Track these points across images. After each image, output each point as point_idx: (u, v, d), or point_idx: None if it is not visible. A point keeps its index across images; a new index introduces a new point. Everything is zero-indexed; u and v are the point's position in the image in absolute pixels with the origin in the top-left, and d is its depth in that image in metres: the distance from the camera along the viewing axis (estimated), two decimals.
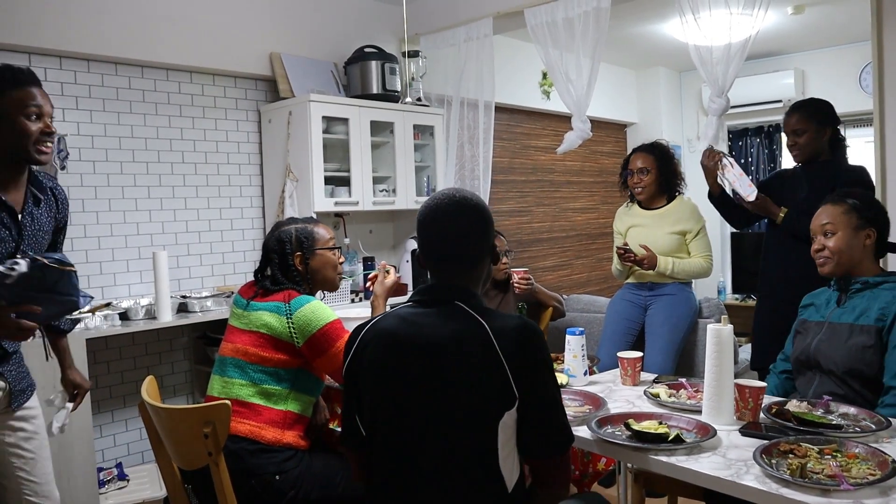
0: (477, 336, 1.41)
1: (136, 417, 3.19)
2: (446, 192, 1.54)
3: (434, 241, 1.52)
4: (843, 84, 5.56)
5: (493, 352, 1.39)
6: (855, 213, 2.02)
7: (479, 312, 1.46)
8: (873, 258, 2.04)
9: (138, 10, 3.14)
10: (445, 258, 1.51)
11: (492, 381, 1.38)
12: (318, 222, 2.29)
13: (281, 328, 2.02)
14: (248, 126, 3.65)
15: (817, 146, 2.77)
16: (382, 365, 1.47)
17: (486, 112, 3.93)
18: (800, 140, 2.77)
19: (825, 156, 2.78)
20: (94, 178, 3.11)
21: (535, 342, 1.43)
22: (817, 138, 2.76)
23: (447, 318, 1.46)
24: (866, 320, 1.91)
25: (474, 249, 1.52)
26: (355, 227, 3.98)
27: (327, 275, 2.24)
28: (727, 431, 1.72)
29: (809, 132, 2.75)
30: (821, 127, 2.75)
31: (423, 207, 1.54)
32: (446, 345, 1.42)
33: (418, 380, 1.43)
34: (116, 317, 2.89)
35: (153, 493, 2.77)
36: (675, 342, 3.15)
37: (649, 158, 3.23)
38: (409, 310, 1.52)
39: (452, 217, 1.50)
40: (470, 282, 1.52)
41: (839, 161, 2.79)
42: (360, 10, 4.04)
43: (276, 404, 2.03)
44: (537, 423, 1.43)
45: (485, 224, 1.53)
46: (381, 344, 1.48)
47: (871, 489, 1.35)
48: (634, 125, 6.42)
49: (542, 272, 5.47)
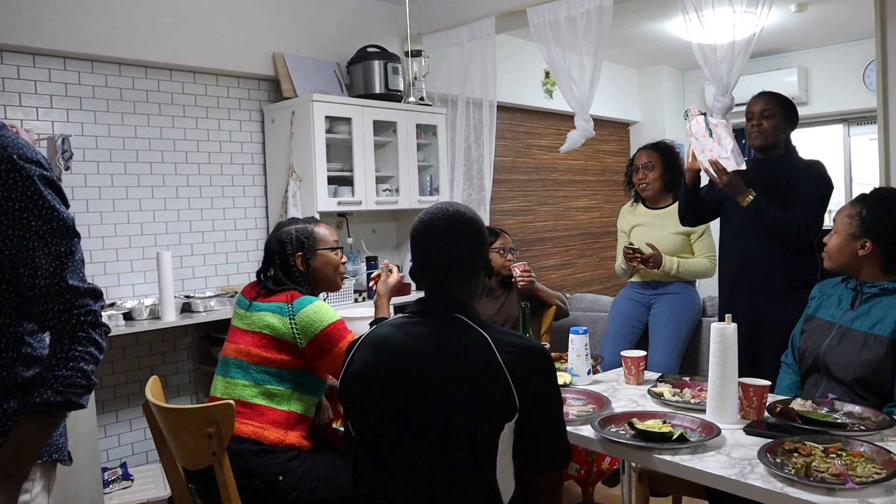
0: (478, 347, 1.40)
1: (141, 417, 3.20)
2: (440, 205, 1.54)
3: (427, 255, 1.52)
4: (846, 82, 5.55)
5: (496, 362, 1.38)
6: (858, 220, 1.98)
7: (478, 324, 1.45)
8: (879, 267, 1.98)
9: (142, 10, 3.15)
10: (439, 272, 1.51)
11: (494, 392, 1.37)
12: (319, 222, 2.29)
13: (284, 329, 2.02)
14: (251, 126, 3.66)
15: (779, 137, 2.66)
16: (377, 373, 1.45)
17: (489, 111, 3.93)
18: (765, 123, 2.64)
19: (780, 150, 2.68)
20: (99, 179, 3.11)
21: (542, 358, 1.43)
22: (781, 129, 2.65)
23: (446, 329, 1.45)
24: (881, 330, 1.87)
25: (468, 263, 1.51)
26: (358, 226, 3.98)
27: (329, 275, 2.24)
28: (731, 430, 1.72)
29: (776, 119, 2.63)
30: (785, 119, 2.66)
31: (417, 221, 1.54)
32: (446, 355, 1.41)
33: (416, 390, 1.41)
34: (120, 317, 2.89)
35: (158, 492, 2.77)
36: (678, 341, 3.15)
37: (654, 154, 3.25)
38: (407, 320, 1.51)
39: (446, 231, 1.49)
40: (465, 295, 1.51)
41: (793, 156, 2.69)
42: (363, 9, 4.04)
43: (279, 405, 2.03)
44: (536, 435, 1.43)
45: (478, 238, 1.53)
46: (377, 353, 1.47)
47: (876, 488, 1.35)
48: (637, 124, 6.41)
49: (545, 271, 5.47)
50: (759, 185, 2.58)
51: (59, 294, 1.24)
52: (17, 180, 1.20)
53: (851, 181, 5.90)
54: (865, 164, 5.76)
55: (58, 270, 1.24)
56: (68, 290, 1.24)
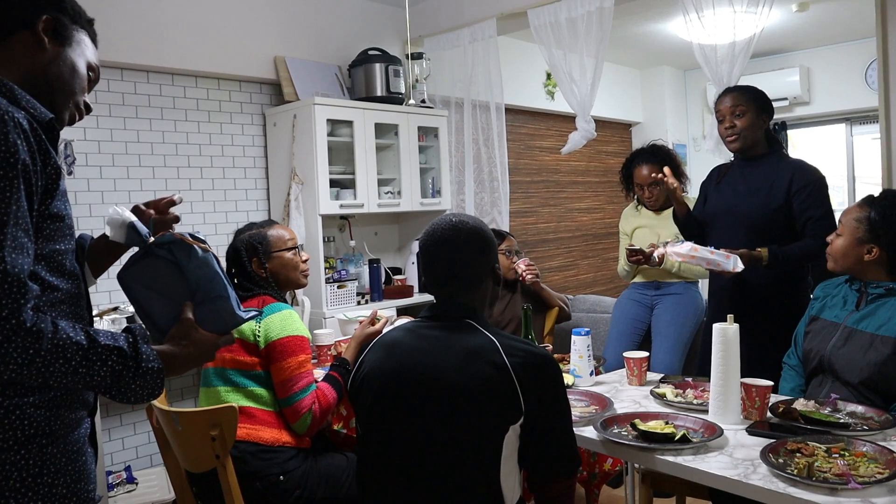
0: (487, 350, 1.42)
1: (145, 421, 3.20)
2: (445, 216, 1.58)
3: (434, 265, 1.55)
4: (848, 81, 5.54)
5: (503, 365, 1.39)
6: (866, 225, 1.94)
7: (487, 329, 1.48)
8: (884, 271, 1.96)
9: (143, 15, 3.16)
10: (446, 281, 1.53)
11: (500, 394, 1.38)
12: (274, 224, 2.31)
13: (248, 330, 2.05)
14: (253, 130, 3.67)
15: (756, 134, 2.47)
16: (386, 374, 1.47)
17: (497, 114, 3.94)
18: (738, 123, 2.44)
19: (762, 149, 2.50)
20: (101, 183, 3.12)
21: (549, 363, 1.44)
22: (757, 124, 2.46)
23: (456, 333, 1.47)
24: (888, 331, 1.85)
25: (473, 271, 1.54)
26: (360, 229, 3.98)
27: (289, 275, 2.26)
28: (734, 431, 1.71)
29: (749, 115, 2.44)
30: (760, 113, 2.46)
31: (424, 233, 1.58)
32: (454, 357, 1.43)
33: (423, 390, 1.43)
34: (124, 321, 2.90)
35: (162, 496, 2.78)
36: (681, 342, 3.14)
37: (656, 168, 3.13)
38: (418, 324, 1.55)
39: (449, 240, 1.52)
40: (474, 303, 1.54)
41: (780, 155, 2.52)
42: (364, 12, 4.04)
43: (265, 406, 2.04)
44: (543, 442, 1.44)
45: (483, 246, 1.54)
46: (388, 354, 1.50)
47: (879, 488, 1.34)
48: (639, 124, 6.41)
49: (548, 273, 5.47)
50: (745, 188, 2.48)
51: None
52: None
53: (854, 180, 5.89)
54: (868, 163, 5.75)
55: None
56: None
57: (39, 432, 1.07)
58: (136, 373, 1.08)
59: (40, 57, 1.17)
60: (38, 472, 1.06)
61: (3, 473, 1.03)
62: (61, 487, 1.09)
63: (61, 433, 1.11)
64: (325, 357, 2.72)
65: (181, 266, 1.19)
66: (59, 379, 1.02)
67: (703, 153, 5.57)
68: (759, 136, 2.49)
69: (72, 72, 1.21)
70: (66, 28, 1.19)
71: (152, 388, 1.11)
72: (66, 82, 1.20)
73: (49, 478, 1.08)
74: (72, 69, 1.21)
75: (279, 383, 2.02)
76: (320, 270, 3.40)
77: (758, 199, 2.45)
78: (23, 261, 1.00)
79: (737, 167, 2.58)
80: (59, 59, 1.19)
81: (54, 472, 1.08)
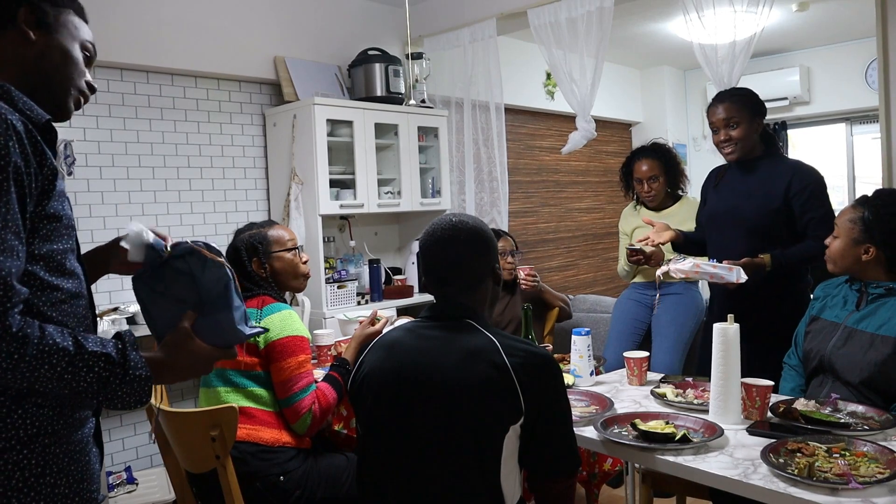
0: (487, 350, 1.42)
1: (145, 421, 3.20)
2: (445, 216, 1.57)
3: (433, 265, 1.55)
4: (848, 80, 5.55)
5: (503, 365, 1.39)
6: (861, 226, 1.94)
7: (487, 329, 1.48)
8: (883, 270, 1.95)
9: (143, 15, 3.16)
10: (446, 281, 1.53)
11: (500, 394, 1.38)
12: (274, 225, 2.31)
13: None
14: (252, 130, 3.67)
15: (752, 141, 2.46)
16: (386, 373, 1.48)
17: (497, 114, 3.94)
18: (734, 133, 2.42)
19: (758, 151, 2.49)
20: (101, 184, 3.12)
21: (549, 364, 1.44)
22: (752, 130, 2.44)
23: (456, 333, 1.47)
24: (888, 331, 1.85)
25: (473, 272, 1.53)
26: (361, 229, 3.98)
27: (288, 275, 2.26)
28: (734, 431, 1.71)
29: (744, 124, 2.42)
30: (753, 118, 2.44)
31: (423, 234, 1.58)
32: (455, 357, 1.43)
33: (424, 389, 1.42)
34: (124, 321, 2.90)
35: (162, 496, 2.78)
36: (681, 342, 3.14)
37: (656, 164, 3.19)
38: (419, 324, 1.55)
39: (448, 240, 1.52)
40: (474, 303, 1.54)
41: (778, 156, 2.51)
42: (364, 12, 4.04)
43: (265, 406, 2.04)
44: (543, 441, 1.44)
45: (482, 246, 1.54)
46: (388, 354, 1.50)
47: (879, 488, 1.34)
48: (639, 124, 6.41)
49: (548, 273, 5.47)
50: (744, 189, 2.47)
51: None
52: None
53: (854, 180, 5.89)
54: (868, 162, 5.75)
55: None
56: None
57: (42, 431, 1.07)
58: (123, 380, 1.07)
59: (29, 51, 1.15)
60: (40, 471, 1.06)
61: (6, 473, 1.03)
62: (64, 487, 1.09)
63: (65, 432, 1.10)
64: (325, 357, 2.72)
65: (194, 277, 1.18)
66: (44, 384, 1.02)
67: (703, 153, 5.59)
68: (755, 141, 2.49)
69: (64, 59, 1.19)
70: (47, 14, 1.17)
71: (140, 396, 1.10)
72: (60, 71, 1.18)
73: (52, 478, 1.07)
74: (63, 56, 1.19)
75: (279, 383, 2.02)
76: (320, 271, 3.40)
77: (757, 201, 2.44)
78: (10, 263, 0.99)
79: (735, 169, 2.57)
80: (49, 48, 1.17)
81: (57, 471, 1.08)
